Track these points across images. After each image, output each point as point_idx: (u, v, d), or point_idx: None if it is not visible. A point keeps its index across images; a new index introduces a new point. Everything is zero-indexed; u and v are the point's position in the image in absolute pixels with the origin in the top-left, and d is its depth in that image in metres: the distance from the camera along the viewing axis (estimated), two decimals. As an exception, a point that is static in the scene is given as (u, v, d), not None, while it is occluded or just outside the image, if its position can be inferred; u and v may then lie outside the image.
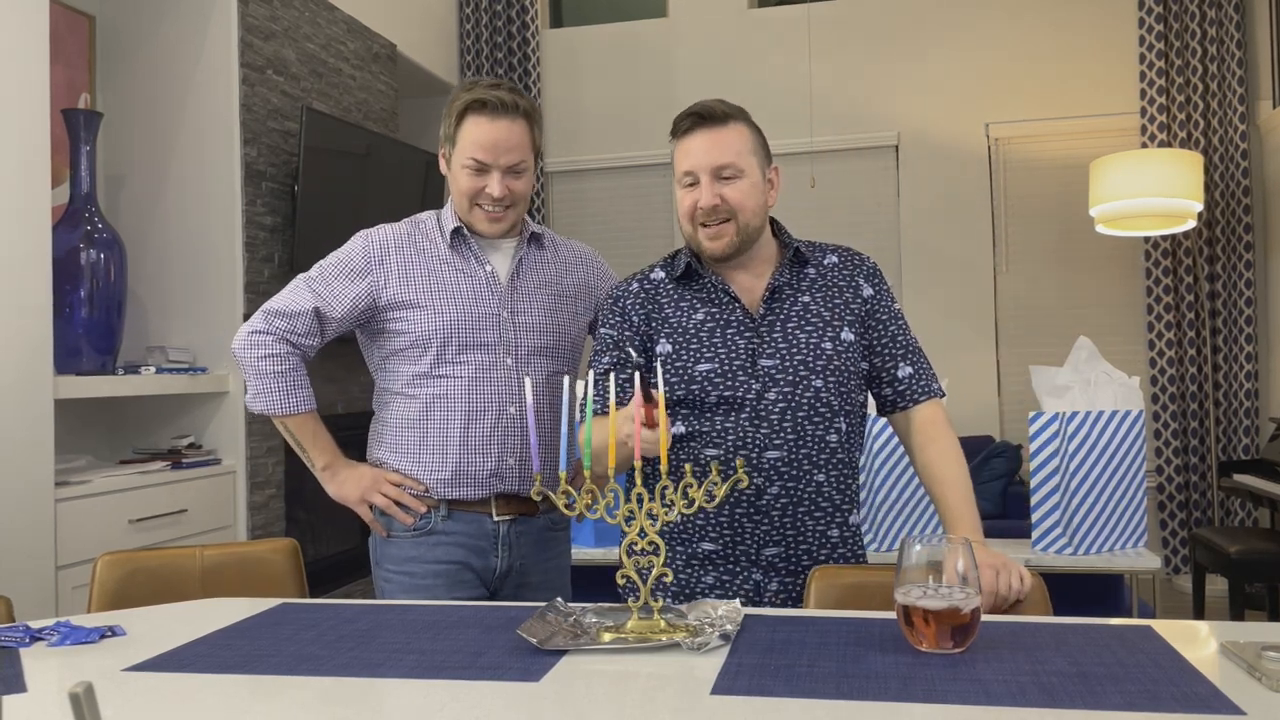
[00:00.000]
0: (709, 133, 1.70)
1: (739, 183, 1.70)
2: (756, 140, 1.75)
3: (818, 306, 1.74)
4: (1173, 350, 5.01)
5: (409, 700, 1.11)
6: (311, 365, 1.96)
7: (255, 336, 1.89)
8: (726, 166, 1.69)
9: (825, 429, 1.70)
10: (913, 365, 1.78)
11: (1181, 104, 4.99)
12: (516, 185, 1.90)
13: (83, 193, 3.19)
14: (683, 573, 1.72)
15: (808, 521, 1.69)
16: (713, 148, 1.69)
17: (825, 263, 1.80)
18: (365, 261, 1.91)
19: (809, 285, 1.77)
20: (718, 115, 1.71)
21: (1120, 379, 2.83)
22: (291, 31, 3.94)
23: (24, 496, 2.65)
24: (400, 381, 1.92)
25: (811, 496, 1.69)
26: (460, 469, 1.89)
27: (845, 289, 1.77)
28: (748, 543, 1.68)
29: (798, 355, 1.70)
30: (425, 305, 1.89)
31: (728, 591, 1.69)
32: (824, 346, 1.71)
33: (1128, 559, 2.75)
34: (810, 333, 1.72)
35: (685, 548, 1.72)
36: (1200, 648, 1.24)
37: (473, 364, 1.89)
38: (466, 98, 1.88)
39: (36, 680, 1.23)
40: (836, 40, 5.47)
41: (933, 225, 5.37)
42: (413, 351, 1.90)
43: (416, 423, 1.91)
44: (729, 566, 1.70)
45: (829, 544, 1.72)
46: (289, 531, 3.80)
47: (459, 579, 1.89)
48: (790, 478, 1.67)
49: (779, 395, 1.68)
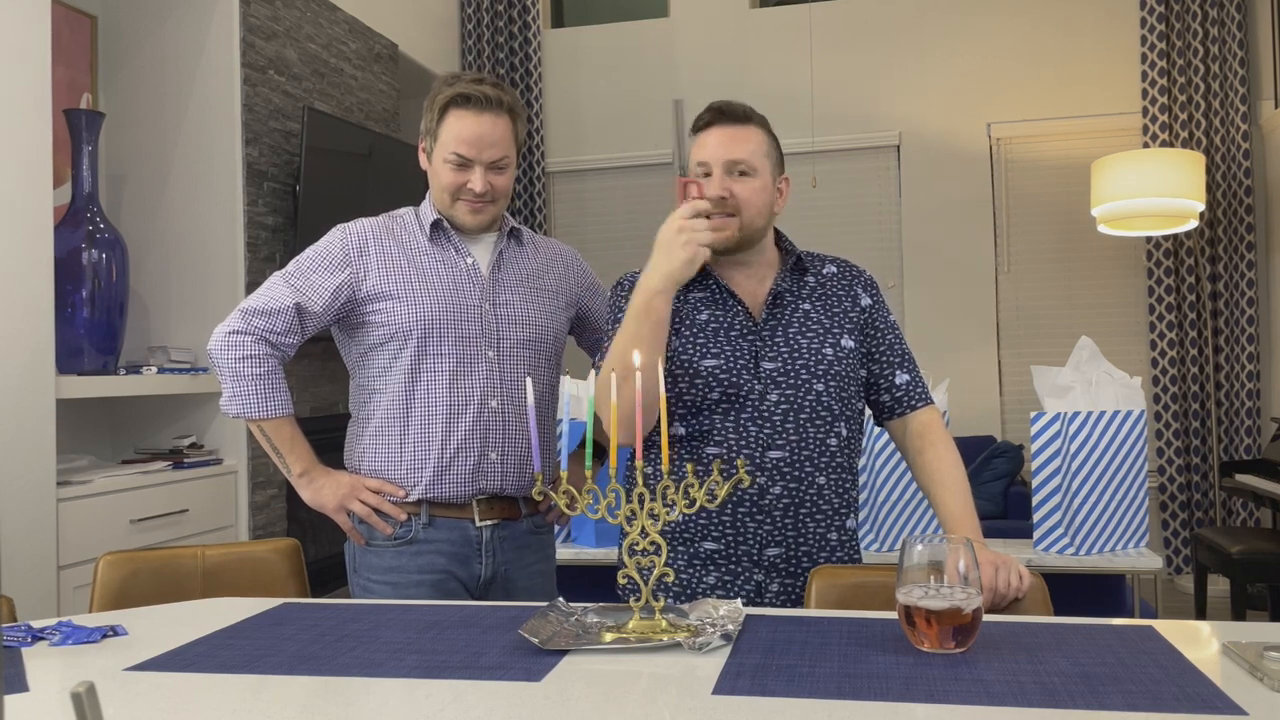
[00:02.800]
0: (726, 128, 1.73)
1: (749, 180, 1.72)
2: (771, 146, 1.77)
3: (818, 314, 1.76)
4: (1174, 350, 5.01)
5: (410, 700, 1.11)
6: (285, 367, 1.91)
7: (233, 337, 1.82)
8: (740, 162, 1.71)
9: (826, 432, 1.71)
10: (908, 373, 1.80)
11: (1183, 104, 4.99)
12: (498, 181, 1.88)
13: (84, 193, 3.20)
14: (684, 572, 1.72)
15: (808, 523, 1.70)
16: (728, 142, 1.72)
17: (824, 272, 1.82)
18: (344, 254, 1.87)
19: (809, 293, 1.79)
20: (737, 114, 1.74)
21: (1122, 379, 2.82)
22: (293, 31, 3.94)
23: (26, 496, 2.65)
24: (380, 376, 1.88)
25: (813, 498, 1.70)
26: (442, 465, 1.85)
27: (844, 298, 1.80)
28: (750, 542, 1.69)
29: (799, 360, 1.71)
30: (405, 296, 1.86)
31: (729, 591, 1.70)
32: (825, 352, 1.73)
33: (1129, 559, 2.74)
34: (811, 338, 1.74)
35: (687, 547, 1.72)
36: (1202, 648, 1.24)
37: (454, 356, 1.86)
38: (449, 92, 1.85)
39: (38, 680, 1.23)
40: (838, 40, 5.47)
41: (934, 225, 5.37)
42: (393, 344, 1.86)
43: (398, 418, 1.87)
44: (731, 566, 1.70)
45: (827, 547, 1.72)
46: (290, 531, 3.80)
47: (444, 588, 1.86)
48: (793, 478, 1.68)
49: (781, 397, 1.69)
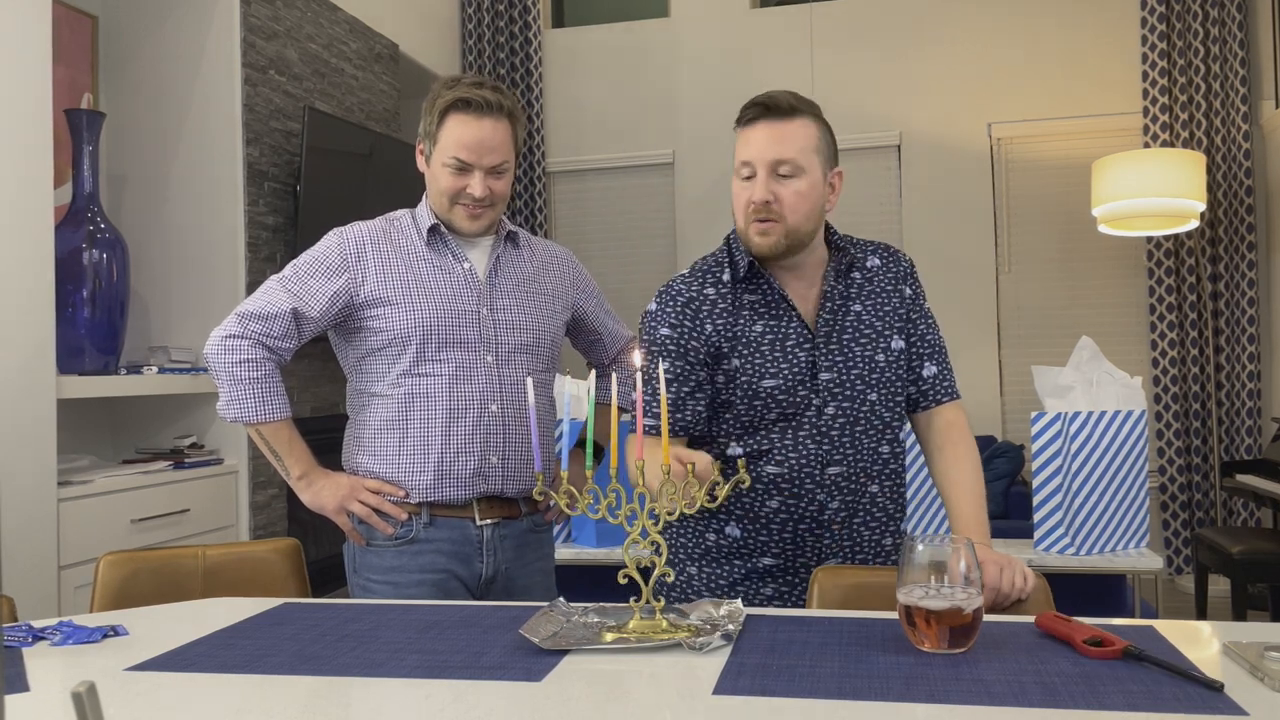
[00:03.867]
0: (772, 125, 1.62)
1: (795, 181, 1.62)
2: (823, 139, 1.66)
3: (869, 316, 1.71)
4: (1175, 350, 5.00)
5: (411, 700, 1.11)
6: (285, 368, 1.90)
7: (229, 341, 1.81)
8: (785, 162, 1.61)
9: (879, 440, 1.69)
10: (937, 365, 1.76)
11: (1184, 104, 4.98)
12: (497, 185, 1.88)
13: (85, 193, 3.19)
14: (741, 585, 1.70)
15: (864, 531, 1.69)
16: (775, 141, 1.61)
17: (869, 265, 1.75)
18: (342, 258, 1.86)
19: (858, 292, 1.72)
20: (783, 108, 1.63)
21: (1123, 379, 2.82)
22: (294, 31, 3.94)
23: (27, 496, 2.65)
24: (379, 381, 1.87)
25: (867, 507, 1.68)
26: (442, 469, 1.84)
27: (891, 294, 1.74)
28: (808, 555, 1.68)
29: (854, 369, 1.67)
30: (403, 302, 1.84)
31: (787, 601, 1.69)
32: (877, 359, 1.69)
33: (1130, 559, 2.74)
34: (864, 345, 1.69)
35: (744, 562, 1.70)
36: (1203, 648, 1.24)
37: (453, 362, 1.85)
38: (450, 95, 1.84)
39: (39, 680, 1.23)
40: (838, 40, 5.47)
41: (934, 225, 5.37)
42: (391, 350, 1.85)
43: (396, 423, 1.86)
44: (788, 578, 1.69)
45: (883, 552, 1.71)
46: (291, 531, 3.80)
47: (445, 588, 1.85)
48: (850, 491, 1.66)
49: (838, 410, 1.66)
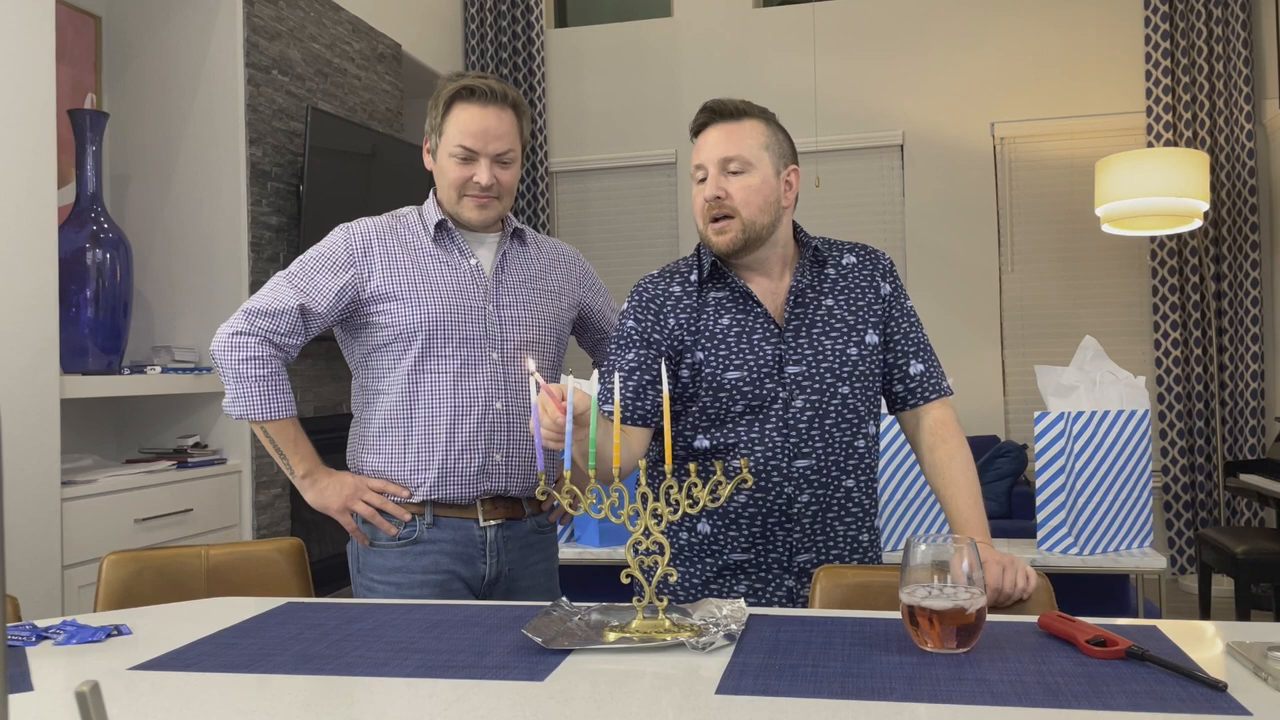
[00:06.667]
0: (720, 126, 1.69)
1: (745, 177, 1.66)
2: (773, 138, 1.71)
3: (841, 310, 1.71)
4: (1178, 350, 5.00)
5: (414, 699, 1.11)
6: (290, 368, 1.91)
7: (236, 338, 1.81)
8: (733, 159, 1.66)
9: (853, 435, 1.69)
10: (924, 362, 1.75)
11: (1187, 103, 4.98)
12: (504, 175, 1.88)
13: (89, 193, 3.20)
14: (714, 583, 1.70)
15: (838, 526, 1.69)
16: (723, 140, 1.67)
17: (844, 263, 1.76)
18: (348, 254, 1.86)
19: (830, 288, 1.73)
20: (730, 111, 1.69)
21: (1126, 379, 2.82)
22: (297, 32, 3.94)
23: (30, 496, 2.65)
24: (384, 378, 1.88)
25: (841, 502, 1.68)
26: (447, 467, 1.84)
27: (866, 290, 1.74)
28: (779, 550, 1.67)
29: (824, 362, 1.67)
30: (409, 298, 1.85)
31: (760, 599, 1.68)
32: (849, 353, 1.69)
33: (1133, 559, 2.74)
34: (835, 339, 1.69)
35: (715, 559, 1.70)
36: (1206, 648, 1.24)
37: (458, 358, 1.85)
38: (454, 86, 1.85)
39: (43, 679, 1.23)
40: (841, 39, 5.47)
41: (937, 225, 5.37)
42: (397, 346, 1.85)
43: (401, 420, 1.86)
44: (761, 574, 1.69)
45: (860, 548, 1.71)
46: (294, 531, 3.81)
47: (448, 589, 1.85)
48: (820, 485, 1.66)
49: (806, 403, 1.66)
